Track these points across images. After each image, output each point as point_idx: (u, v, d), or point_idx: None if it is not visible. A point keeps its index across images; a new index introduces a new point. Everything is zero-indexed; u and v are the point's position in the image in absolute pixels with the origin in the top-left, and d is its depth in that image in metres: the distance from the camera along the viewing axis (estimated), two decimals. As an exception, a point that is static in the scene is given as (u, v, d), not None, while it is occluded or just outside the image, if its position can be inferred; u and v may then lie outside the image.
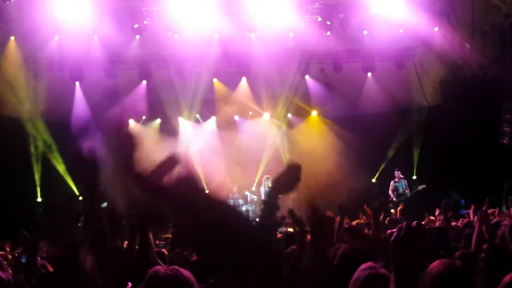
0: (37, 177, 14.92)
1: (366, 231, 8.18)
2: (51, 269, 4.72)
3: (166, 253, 6.19)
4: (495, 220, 7.85)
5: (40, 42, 14.39)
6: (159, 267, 2.18)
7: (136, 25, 14.95)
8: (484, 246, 3.78)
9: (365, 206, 7.94)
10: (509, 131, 14.59)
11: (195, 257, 5.05)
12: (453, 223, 7.56)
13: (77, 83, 15.58)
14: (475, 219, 7.76)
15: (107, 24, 14.35)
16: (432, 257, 2.30)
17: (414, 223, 1.91)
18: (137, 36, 15.24)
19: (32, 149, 14.78)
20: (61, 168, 14.94)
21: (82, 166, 2.04)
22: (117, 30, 14.67)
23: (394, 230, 1.95)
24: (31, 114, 14.65)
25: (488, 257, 3.43)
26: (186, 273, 2.10)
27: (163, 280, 2.04)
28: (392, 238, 1.91)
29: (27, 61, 14.58)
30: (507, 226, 5.18)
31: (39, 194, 14.96)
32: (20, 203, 13.89)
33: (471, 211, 9.23)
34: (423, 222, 9.17)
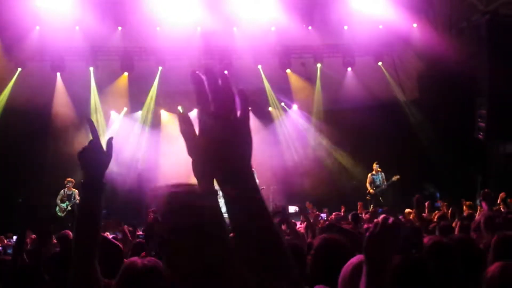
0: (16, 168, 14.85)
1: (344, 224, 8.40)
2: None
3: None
4: (468, 212, 8.15)
5: (21, 32, 14.27)
6: (136, 258, 2.13)
7: (118, 17, 14.89)
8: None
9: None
10: (484, 127, 14.96)
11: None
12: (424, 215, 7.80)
13: (58, 73, 15.48)
14: (449, 211, 8.10)
15: (89, 15, 14.27)
16: (405, 253, 2.37)
17: (391, 219, 1.93)
18: (119, 28, 15.21)
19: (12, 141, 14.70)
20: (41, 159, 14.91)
21: (93, 155, 2.06)
22: (99, 21, 14.63)
23: (371, 225, 1.98)
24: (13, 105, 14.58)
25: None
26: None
27: (141, 271, 1.98)
28: (368, 232, 1.95)
29: (8, 51, 14.45)
30: (482, 219, 5.40)
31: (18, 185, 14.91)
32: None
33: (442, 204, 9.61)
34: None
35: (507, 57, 13.67)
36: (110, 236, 6.68)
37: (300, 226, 8.01)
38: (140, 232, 8.87)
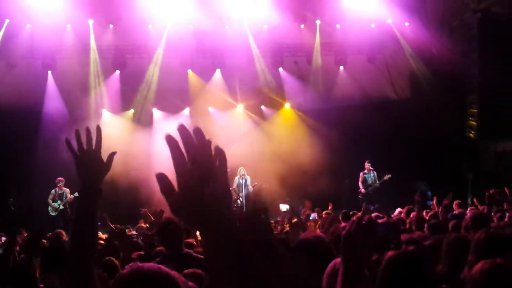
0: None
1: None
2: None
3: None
4: (459, 211, 8.18)
5: (11, 30, 14.18)
6: (138, 262, 2.09)
7: (110, 14, 14.83)
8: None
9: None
10: (475, 125, 15.04)
11: None
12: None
13: (49, 72, 15.40)
14: (439, 209, 8.13)
15: (80, 13, 14.22)
16: (383, 250, 2.41)
17: (366, 217, 2.01)
18: (111, 25, 15.14)
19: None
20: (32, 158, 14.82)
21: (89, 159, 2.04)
22: (91, 18, 14.57)
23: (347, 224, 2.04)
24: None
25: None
26: (168, 269, 1.86)
27: (148, 275, 1.78)
28: (344, 231, 2.00)
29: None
30: (470, 217, 5.47)
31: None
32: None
33: (434, 202, 9.63)
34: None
35: (498, 55, 13.74)
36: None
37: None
38: (133, 232, 8.87)
